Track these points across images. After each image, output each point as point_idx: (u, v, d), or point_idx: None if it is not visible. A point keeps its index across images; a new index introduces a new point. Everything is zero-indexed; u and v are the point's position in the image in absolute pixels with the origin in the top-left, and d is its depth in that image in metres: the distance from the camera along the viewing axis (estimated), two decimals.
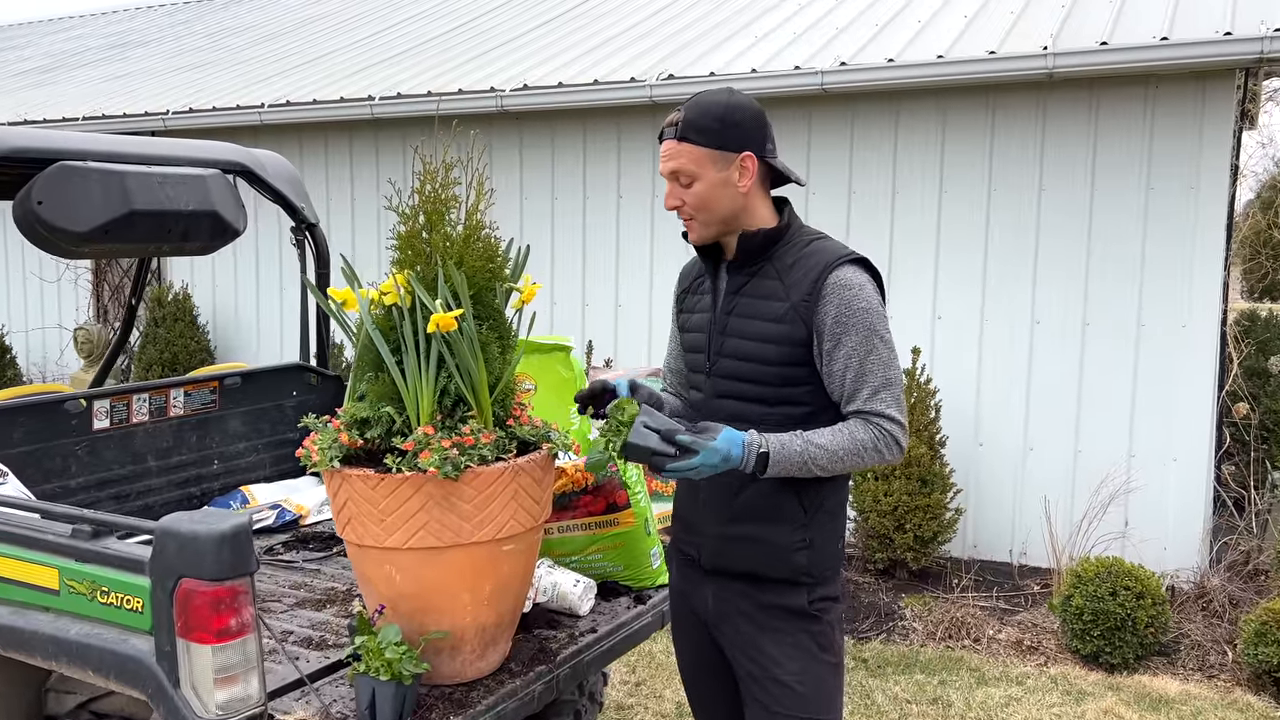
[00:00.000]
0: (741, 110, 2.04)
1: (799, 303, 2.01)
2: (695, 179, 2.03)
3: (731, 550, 2.10)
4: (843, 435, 1.99)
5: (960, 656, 4.47)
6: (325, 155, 7.49)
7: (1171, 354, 5.16)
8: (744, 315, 2.08)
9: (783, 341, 2.02)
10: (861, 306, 1.99)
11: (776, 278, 2.06)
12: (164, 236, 3.13)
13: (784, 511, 2.06)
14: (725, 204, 2.05)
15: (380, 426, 2.00)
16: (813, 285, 2.01)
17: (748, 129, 2.04)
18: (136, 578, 1.98)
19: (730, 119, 2.02)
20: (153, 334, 7.83)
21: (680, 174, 2.04)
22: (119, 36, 12.32)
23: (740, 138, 2.03)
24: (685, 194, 2.05)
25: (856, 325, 1.98)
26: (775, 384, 2.04)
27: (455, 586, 1.99)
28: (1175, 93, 5.07)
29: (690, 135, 2.03)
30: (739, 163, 2.03)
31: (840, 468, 2.00)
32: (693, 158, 2.02)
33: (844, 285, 1.99)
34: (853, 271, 2.02)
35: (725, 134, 2.02)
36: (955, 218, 5.57)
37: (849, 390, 2.01)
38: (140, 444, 3.16)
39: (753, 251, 2.08)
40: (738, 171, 2.04)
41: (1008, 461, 5.52)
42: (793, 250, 2.07)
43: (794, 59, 5.77)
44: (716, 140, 2.02)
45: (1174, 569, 5.08)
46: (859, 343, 1.98)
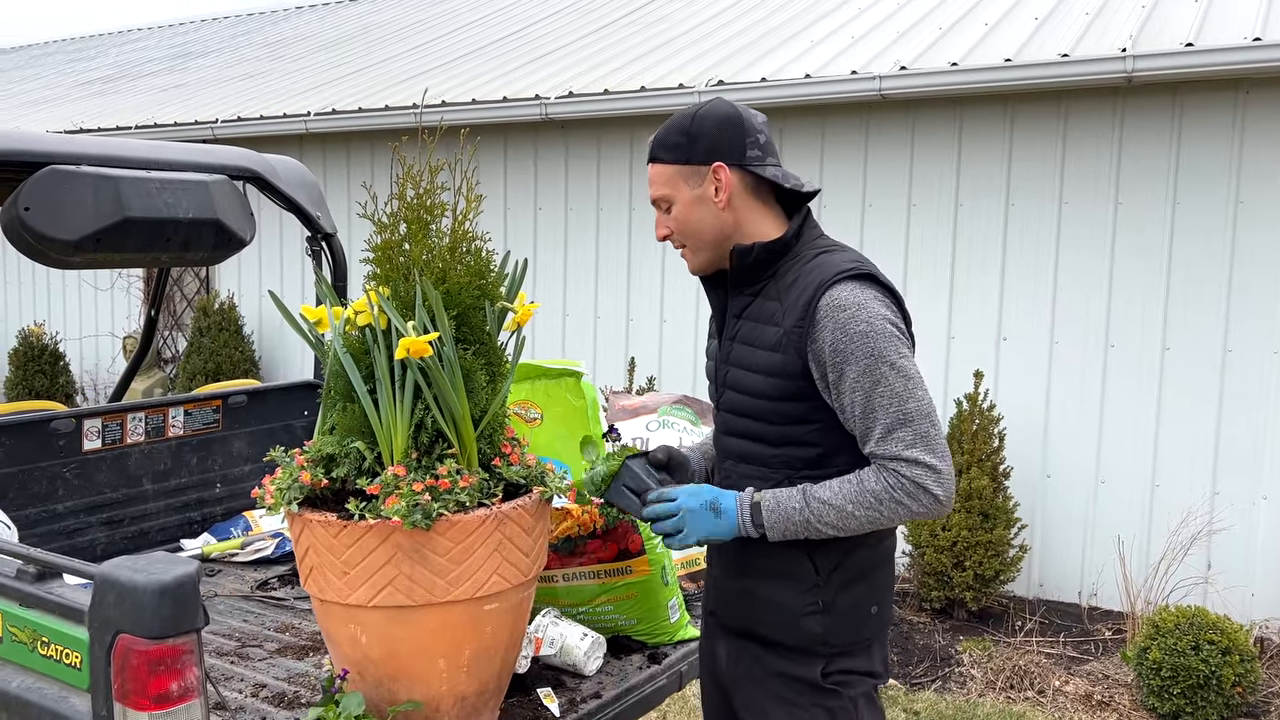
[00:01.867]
0: (708, 118, 1.82)
1: (792, 329, 1.75)
2: (672, 201, 1.84)
3: (740, 607, 1.86)
4: (849, 487, 1.71)
5: (1022, 711, 4.09)
6: (371, 165, 7.36)
7: (1261, 381, 4.72)
8: (745, 342, 1.84)
9: (777, 373, 1.76)
10: (859, 330, 1.69)
11: (777, 298, 1.80)
12: (163, 245, 2.95)
13: (792, 569, 1.78)
14: (708, 223, 1.82)
15: (348, 464, 1.76)
16: (805, 309, 1.74)
17: (716, 137, 1.81)
18: (75, 629, 1.76)
19: (695, 129, 1.81)
20: (198, 343, 7.77)
21: (660, 199, 1.85)
22: (182, 47, 12.45)
23: (708, 148, 1.80)
24: (669, 220, 1.85)
25: (855, 353, 1.69)
26: (776, 421, 1.77)
27: (429, 650, 1.73)
28: (1268, 98, 4.65)
29: (658, 154, 1.84)
30: (710, 176, 1.81)
31: (857, 526, 1.71)
32: (665, 179, 1.84)
33: (838, 306, 1.71)
34: (850, 290, 1.72)
35: (691, 146, 1.81)
36: (1021, 232, 5.20)
37: (860, 429, 1.73)
38: (135, 466, 2.98)
39: (748, 269, 1.83)
40: (712, 186, 1.81)
41: (1078, 495, 5.12)
42: (796, 266, 1.81)
43: (851, 64, 5.47)
44: (683, 154, 1.81)
45: (1263, 618, 4.64)
46: (861, 373, 1.70)
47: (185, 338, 8.38)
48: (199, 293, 8.66)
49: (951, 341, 5.38)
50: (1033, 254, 5.18)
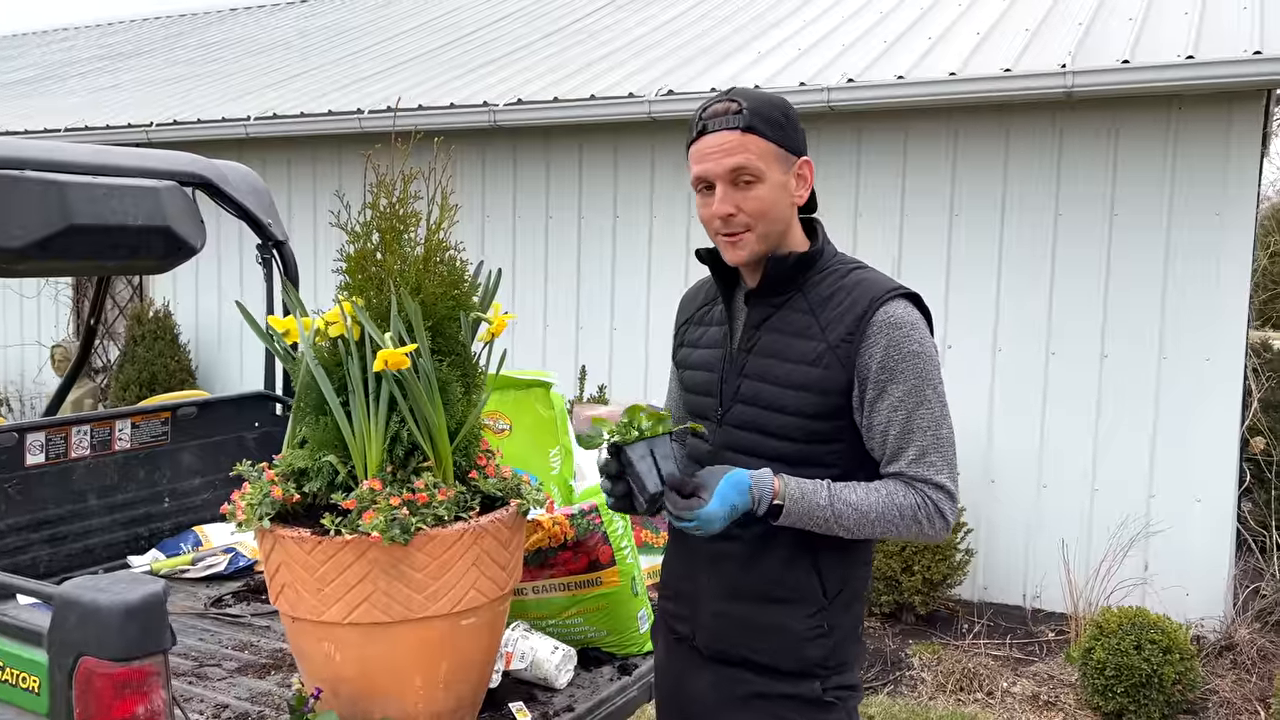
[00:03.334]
0: (796, 111, 1.79)
1: (839, 343, 1.69)
2: (760, 178, 1.70)
3: (734, 635, 1.78)
4: (878, 495, 1.68)
5: (973, 714, 4.17)
6: (313, 170, 7.25)
7: (1195, 388, 4.88)
8: (768, 355, 1.75)
9: (815, 389, 1.70)
10: (913, 350, 1.67)
11: (809, 312, 1.74)
12: (111, 253, 2.86)
13: (801, 592, 1.74)
14: (784, 214, 1.75)
15: (321, 479, 1.72)
16: (856, 323, 1.69)
17: (802, 133, 1.78)
18: (33, 651, 1.69)
19: (793, 116, 1.76)
20: (132, 353, 7.55)
21: (745, 171, 1.70)
22: (111, 48, 12.11)
23: (801, 140, 1.76)
24: (743, 198, 1.71)
25: (906, 372, 1.67)
26: (801, 439, 1.71)
27: (405, 668, 1.70)
28: (1200, 115, 4.82)
29: (759, 126, 1.70)
30: (798, 168, 1.75)
31: (868, 532, 1.69)
32: (763, 152, 1.70)
33: (894, 324, 1.68)
34: (904, 308, 1.71)
35: (793, 132, 1.74)
36: (965, 241, 5.31)
37: (891, 449, 1.69)
38: (80, 481, 2.88)
39: (782, 278, 1.75)
40: (794, 179, 1.75)
41: (1020, 500, 5.23)
42: (829, 280, 1.76)
43: (799, 75, 5.53)
44: (784, 136, 1.73)
45: (1198, 618, 4.79)
46: (907, 393, 1.67)
47: (118, 347, 8.14)
48: (132, 300, 8.42)
49: None
50: (976, 264, 5.28)
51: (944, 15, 6.19)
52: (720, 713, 1.83)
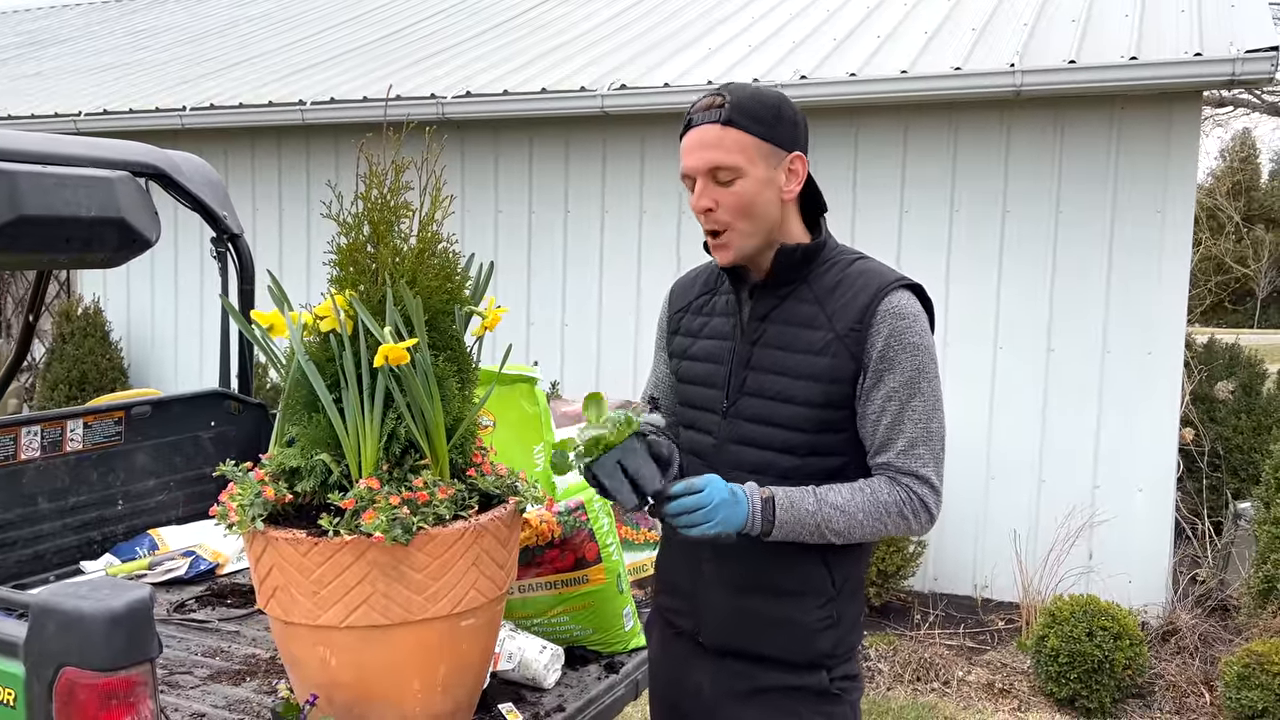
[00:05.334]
0: (790, 105, 1.76)
1: (846, 333, 1.70)
2: (740, 175, 1.69)
3: (742, 628, 1.78)
4: (863, 495, 1.69)
5: (932, 702, 4.23)
6: (252, 164, 7.06)
7: (1137, 380, 5.02)
8: (775, 346, 1.75)
9: (824, 378, 1.70)
10: (914, 341, 1.69)
11: (815, 302, 1.75)
12: (62, 246, 2.74)
13: (811, 583, 1.74)
14: (770, 210, 1.73)
15: (314, 478, 1.66)
16: (862, 312, 1.70)
17: (800, 127, 1.75)
18: (7, 663, 1.60)
19: (784, 111, 1.73)
20: (60, 351, 7.28)
21: (723, 168, 1.69)
22: (31, 35, 11.65)
23: (792, 135, 1.73)
24: (723, 194, 1.70)
25: (904, 363, 1.68)
26: (810, 430, 1.71)
27: (404, 671, 1.65)
28: (1142, 114, 4.95)
29: (740, 120, 1.68)
30: (788, 164, 1.73)
31: (858, 534, 1.70)
32: (742, 147, 1.69)
33: (897, 314, 1.69)
34: (908, 299, 1.72)
35: (778, 126, 1.71)
36: (915, 237, 5.38)
37: (881, 438, 1.71)
38: (30, 484, 2.75)
39: (789, 269, 1.76)
40: (785, 174, 1.73)
41: (970, 492, 5.32)
42: (834, 271, 1.77)
43: (752, 71, 5.55)
44: (770, 132, 1.70)
45: (1141, 604, 4.93)
46: (902, 384, 1.68)
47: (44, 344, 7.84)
48: (59, 296, 8.11)
49: None
50: (926, 259, 5.36)
51: (891, 14, 6.26)
52: (720, 707, 1.82)
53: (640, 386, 5.80)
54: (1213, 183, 19.18)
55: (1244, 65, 4.45)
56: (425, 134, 1.77)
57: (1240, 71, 4.47)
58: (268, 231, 6.97)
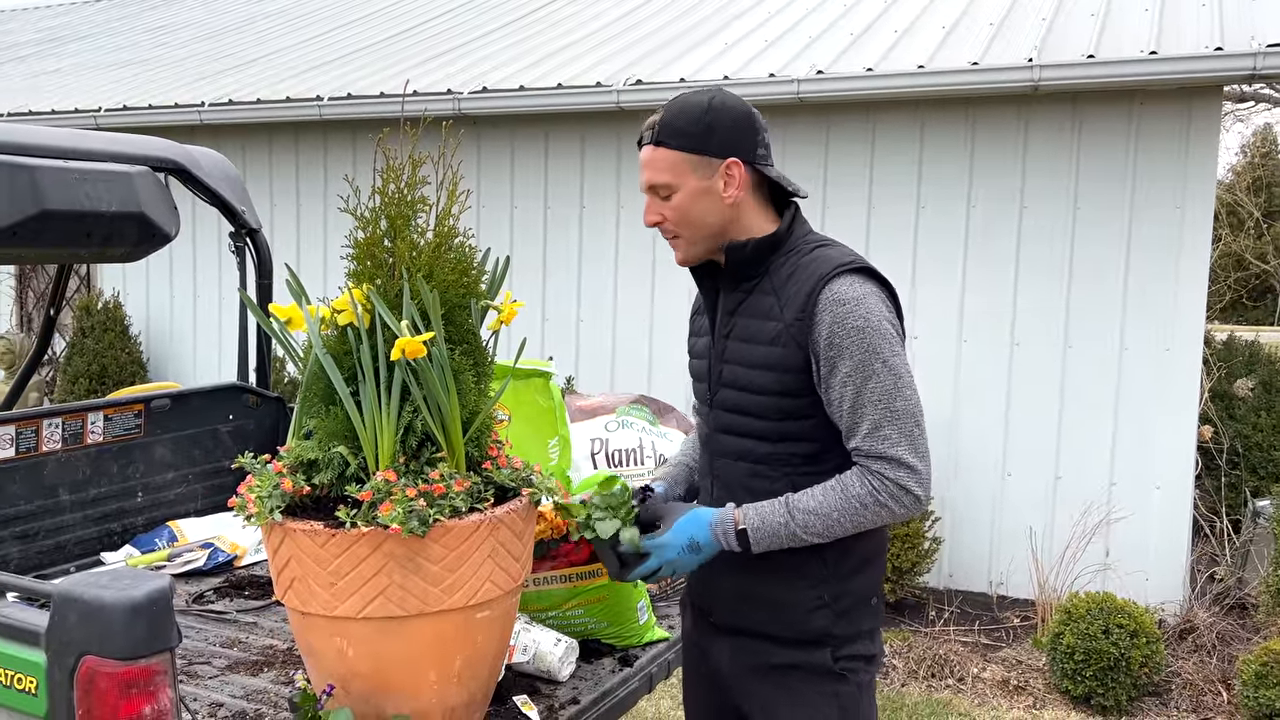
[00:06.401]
0: (726, 110, 1.79)
1: (793, 322, 1.75)
2: (674, 189, 1.79)
3: (743, 608, 1.86)
4: (834, 494, 1.72)
5: (946, 699, 4.22)
6: (270, 159, 7.10)
7: (1155, 378, 4.99)
8: (740, 339, 1.83)
9: (777, 368, 1.76)
10: (856, 325, 1.70)
11: (772, 293, 1.80)
12: (83, 241, 2.77)
13: (802, 567, 1.79)
14: (711, 217, 1.80)
15: (331, 470, 1.68)
16: (806, 300, 1.74)
17: (732, 132, 1.79)
18: (29, 652, 1.63)
19: (712, 120, 1.77)
20: (80, 344, 7.34)
21: (658, 185, 1.80)
22: (51, 32, 11.74)
23: (724, 141, 1.78)
24: (665, 207, 1.81)
25: (851, 347, 1.70)
26: (774, 418, 1.78)
27: (420, 662, 1.67)
28: (1161, 109, 4.92)
29: (667, 139, 1.78)
30: (723, 170, 1.78)
31: (842, 531, 1.73)
32: (670, 165, 1.78)
33: (838, 300, 1.71)
34: (850, 283, 1.73)
35: (707, 137, 1.77)
36: (932, 235, 5.37)
37: (847, 424, 1.74)
38: (51, 475, 2.78)
39: (743, 264, 1.82)
40: (722, 180, 1.78)
41: (985, 489, 5.31)
42: (791, 260, 1.81)
43: (768, 66, 5.54)
44: (697, 144, 1.77)
45: (1158, 602, 4.90)
46: (854, 368, 1.70)
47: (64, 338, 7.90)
48: (79, 291, 8.18)
49: None
50: (942, 255, 5.34)
51: (908, 9, 6.24)
52: (739, 681, 1.90)
53: (654, 382, 5.81)
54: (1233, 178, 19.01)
55: (1265, 60, 4.41)
56: (442, 129, 1.78)
57: (1262, 66, 4.43)
58: (285, 227, 7.01)
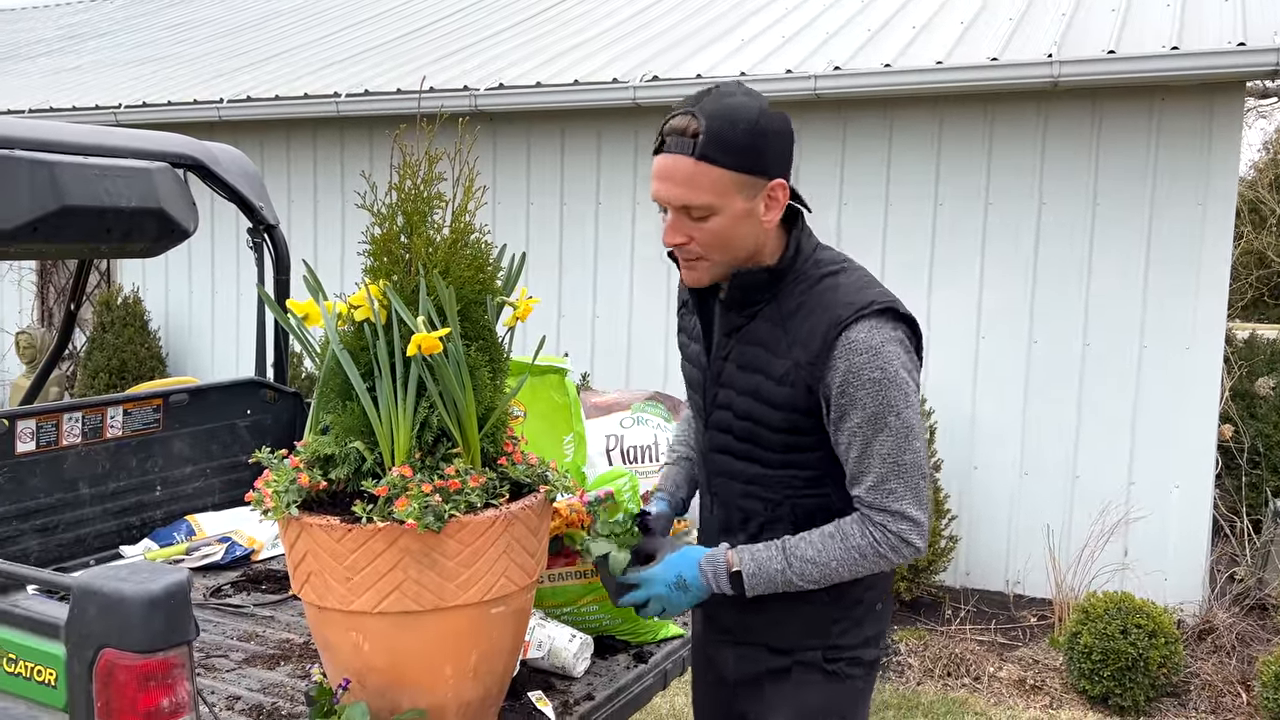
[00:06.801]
0: (773, 124, 1.61)
1: (806, 364, 1.64)
2: (715, 212, 1.60)
3: (751, 621, 1.83)
4: (834, 543, 1.66)
5: (962, 698, 4.21)
6: (287, 155, 7.13)
7: (1175, 377, 4.95)
8: (741, 365, 1.72)
9: (784, 407, 1.67)
10: (873, 376, 1.59)
11: (779, 324, 1.68)
12: (102, 236, 2.79)
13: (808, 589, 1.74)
14: (748, 241, 1.65)
15: (348, 465, 1.68)
16: (821, 344, 1.62)
17: (781, 149, 1.62)
18: (49, 644, 1.64)
19: (766, 135, 1.59)
20: (100, 339, 7.40)
21: (696, 207, 1.61)
22: (71, 29, 11.83)
23: (774, 159, 1.61)
24: (696, 229, 1.62)
25: (864, 400, 1.60)
26: (778, 450, 1.71)
27: (435, 657, 1.67)
28: (1183, 106, 4.87)
29: (714, 154, 1.56)
30: (767, 191, 1.62)
31: (841, 578, 1.69)
32: (715, 184, 1.58)
33: (854, 349, 1.59)
34: (870, 329, 1.60)
35: (760, 154, 1.59)
36: (949, 231, 5.34)
37: (851, 470, 1.67)
38: (72, 469, 2.80)
39: (750, 292, 1.70)
40: (764, 203, 1.63)
41: (1002, 487, 5.28)
42: (799, 289, 1.68)
43: (785, 62, 5.52)
44: (748, 162, 1.58)
45: (1176, 602, 4.87)
46: (865, 420, 1.61)
47: (84, 333, 7.97)
48: (99, 286, 8.24)
49: None
50: (960, 253, 5.32)
51: (927, 4, 6.20)
52: (744, 688, 1.89)
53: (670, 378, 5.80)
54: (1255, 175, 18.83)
55: None
56: (458, 125, 1.78)
57: None
58: (303, 223, 7.04)
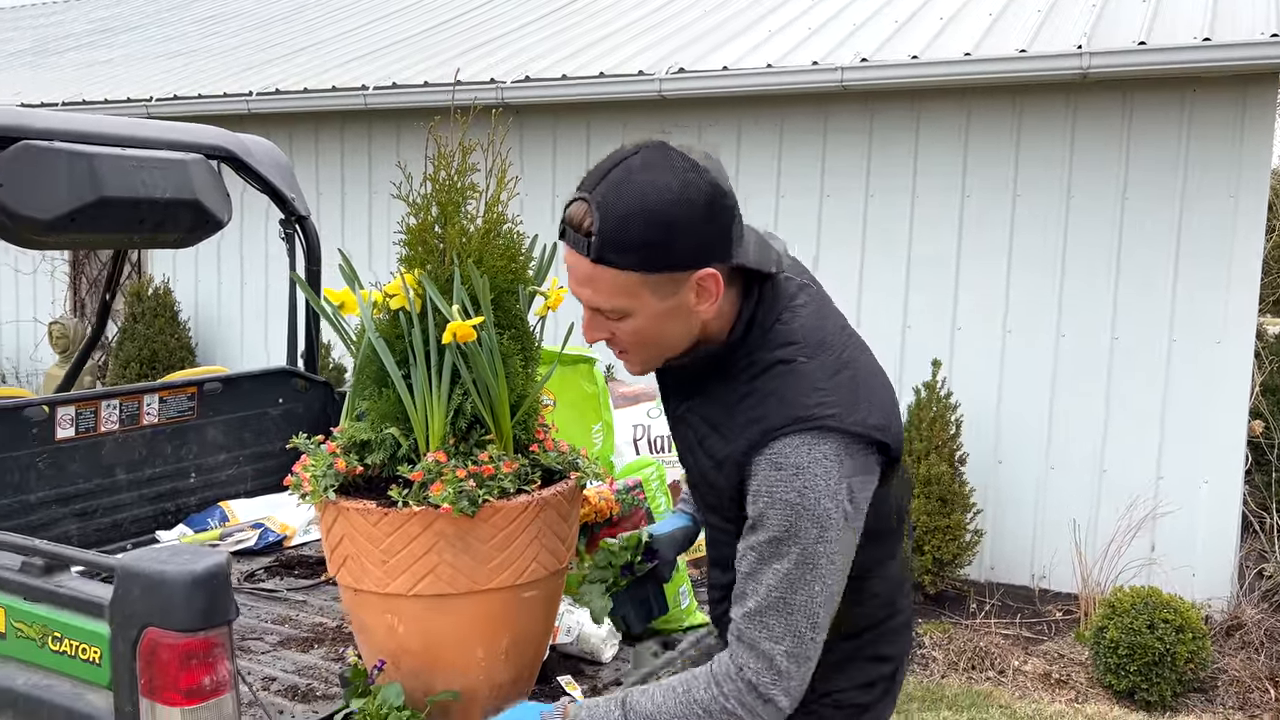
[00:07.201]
0: (696, 204, 1.34)
1: (739, 457, 1.45)
2: (628, 313, 1.42)
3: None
4: (673, 698, 1.45)
5: (987, 691, 4.20)
6: (316, 148, 7.19)
7: (1205, 372, 4.91)
8: (691, 431, 1.56)
9: (724, 492, 1.50)
10: (787, 499, 1.38)
11: (727, 406, 1.48)
12: (138, 226, 2.84)
13: None
14: (678, 337, 1.46)
15: (383, 451, 1.71)
16: (748, 449, 1.43)
17: (704, 230, 1.36)
18: (94, 623, 1.69)
19: (674, 226, 1.34)
20: (131, 330, 7.50)
21: (603, 310, 1.43)
22: (103, 22, 11.96)
23: (696, 248, 1.37)
24: (615, 327, 1.45)
25: (772, 521, 1.40)
26: (736, 520, 1.50)
27: (468, 640, 1.70)
28: (1215, 97, 4.83)
29: (611, 256, 1.35)
30: (695, 282, 1.39)
31: None
32: (621, 288, 1.38)
33: (775, 464, 1.39)
34: (795, 446, 1.39)
35: (666, 251, 1.35)
36: (976, 224, 5.32)
37: (738, 590, 1.46)
38: (109, 455, 2.86)
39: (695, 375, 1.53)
40: (693, 293, 1.40)
41: (1028, 481, 5.27)
42: (749, 373, 1.46)
43: (811, 54, 5.51)
44: (654, 261, 1.36)
45: (1204, 598, 4.83)
46: (768, 541, 1.41)
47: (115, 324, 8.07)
48: (130, 277, 8.35)
49: (907, 331, 5.48)
50: (987, 245, 5.29)
51: None
52: None
53: None
54: None
55: None
56: (491, 117, 1.81)
57: None
58: (330, 215, 7.10)
